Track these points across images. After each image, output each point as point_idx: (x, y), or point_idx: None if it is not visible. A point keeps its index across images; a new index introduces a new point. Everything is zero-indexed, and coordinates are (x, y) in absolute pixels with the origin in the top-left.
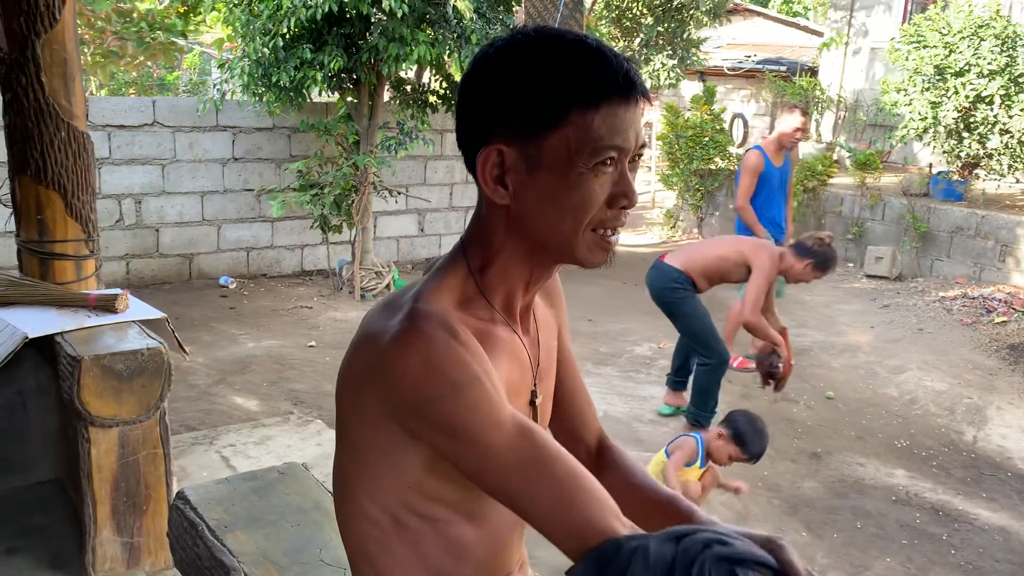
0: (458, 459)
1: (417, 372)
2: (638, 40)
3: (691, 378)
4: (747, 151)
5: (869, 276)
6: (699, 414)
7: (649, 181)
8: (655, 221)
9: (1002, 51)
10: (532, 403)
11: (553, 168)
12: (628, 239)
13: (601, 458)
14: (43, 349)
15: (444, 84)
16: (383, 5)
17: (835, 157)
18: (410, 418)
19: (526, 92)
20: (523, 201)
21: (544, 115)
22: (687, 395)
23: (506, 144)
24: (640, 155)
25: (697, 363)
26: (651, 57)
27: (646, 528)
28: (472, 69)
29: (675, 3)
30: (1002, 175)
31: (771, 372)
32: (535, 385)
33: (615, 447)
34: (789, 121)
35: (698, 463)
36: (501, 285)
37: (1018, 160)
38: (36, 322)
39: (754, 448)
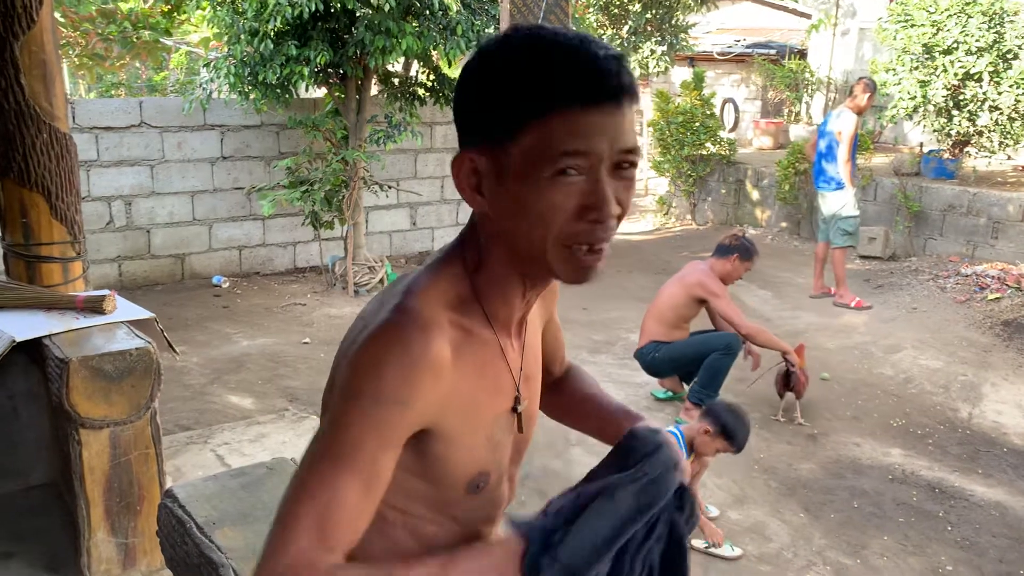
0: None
1: (362, 366)
2: (627, 27)
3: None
4: (844, 117)
5: (862, 257)
6: (703, 393)
7: (641, 168)
8: (648, 208)
9: (989, 28)
10: (515, 409)
11: (518, 177)
12: (622, 227)
13: (561, 379)
14: (32, 353)
15: (431, 76)
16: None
17: None
18: (326, 392)
19: (486, 101)
20: (497, 210)
21: (503, 124)
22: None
23: (478, 152)
24: (629, 163)
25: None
26: (640, 44)
27: (593, 434)
28: (460, 75)
29: None
30: (992, 152)
31: (787, 383)
32: (518, 390)
33: (574, 367)
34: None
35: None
36: (495, 291)
37: (1008, 137)
38: (24, 325)
39: (741, 439)
